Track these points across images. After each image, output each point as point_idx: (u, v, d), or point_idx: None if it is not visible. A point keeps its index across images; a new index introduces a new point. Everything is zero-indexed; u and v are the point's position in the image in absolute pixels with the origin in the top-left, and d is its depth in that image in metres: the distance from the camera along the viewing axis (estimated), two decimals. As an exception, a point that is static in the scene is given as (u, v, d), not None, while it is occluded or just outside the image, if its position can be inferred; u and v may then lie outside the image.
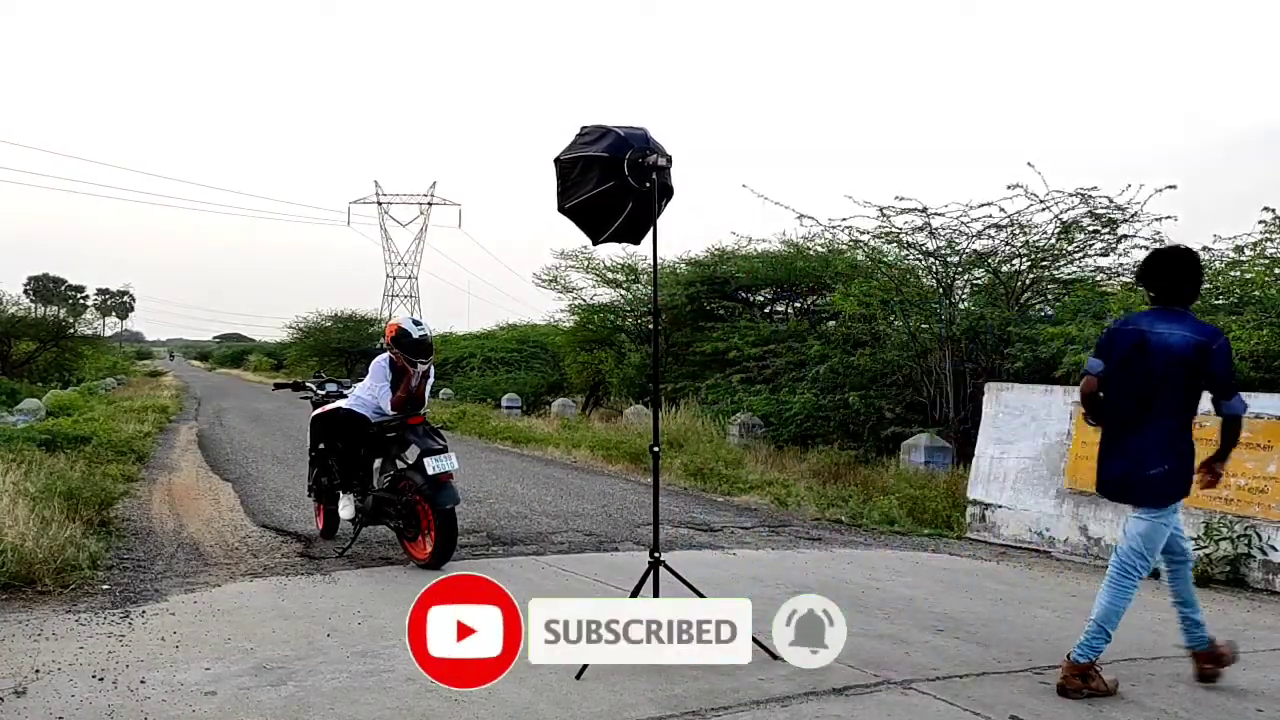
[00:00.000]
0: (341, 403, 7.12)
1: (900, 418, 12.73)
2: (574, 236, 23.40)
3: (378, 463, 7.04)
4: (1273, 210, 9.32)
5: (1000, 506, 8.43)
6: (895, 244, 13.07)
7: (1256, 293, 9.60)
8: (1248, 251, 9.77)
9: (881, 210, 12.37)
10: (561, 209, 4.94)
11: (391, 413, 6.74)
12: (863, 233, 13.26)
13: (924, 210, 12.17)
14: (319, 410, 7.39)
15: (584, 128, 4.88)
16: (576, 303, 24.09)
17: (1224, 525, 6.84)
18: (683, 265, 20.66)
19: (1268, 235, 9.48)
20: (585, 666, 4.16)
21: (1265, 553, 6.67)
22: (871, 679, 4.22)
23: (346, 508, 6.96)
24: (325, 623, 5.04)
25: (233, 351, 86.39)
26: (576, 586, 6.03)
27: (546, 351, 28.84)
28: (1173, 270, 4.35)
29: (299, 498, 9.14)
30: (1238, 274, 10.07)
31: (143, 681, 4.05)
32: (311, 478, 7.48)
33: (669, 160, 4.73)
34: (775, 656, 4.41)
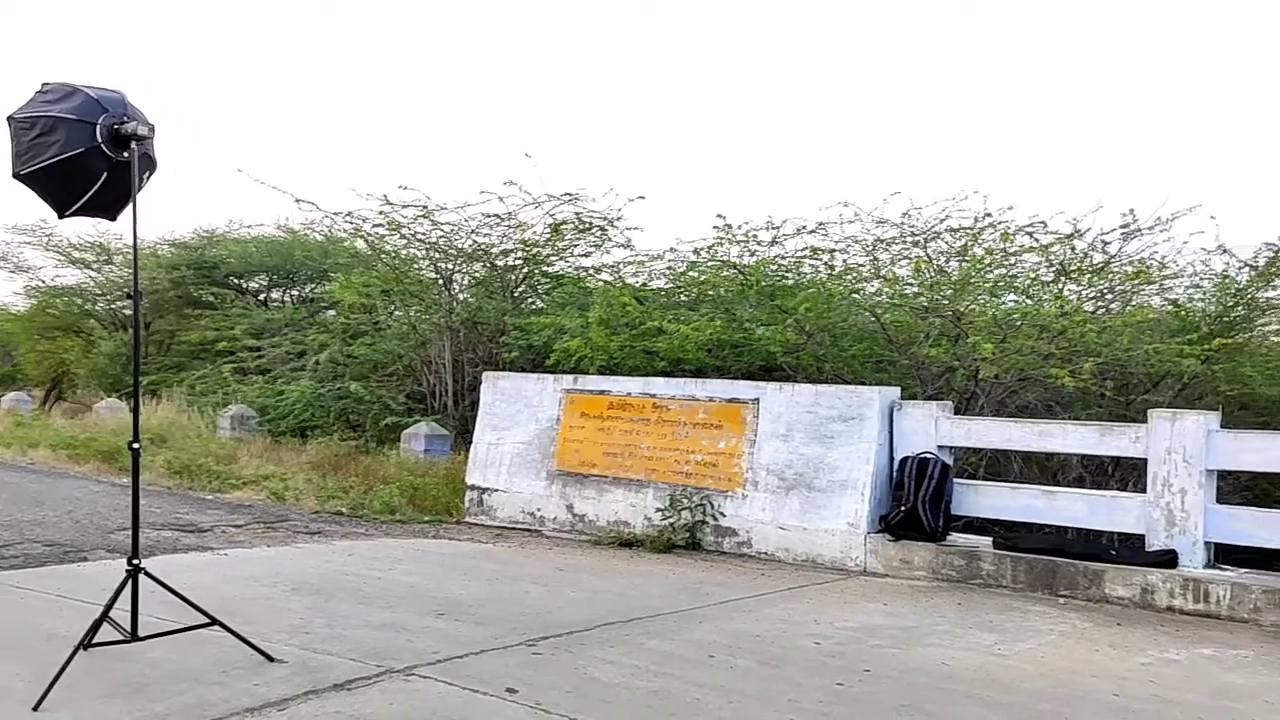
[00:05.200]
0: None
1: (403, 407, 12.85)
2: (30, 207, 20.45)
3: None
4: (723, 218, 10.74)
5: (497, 490, 8.85)
6: (397, 234, 13.14)
7: (710, 291, 11.04)
8: (703, 254, 11.18)
9: (387, 200, 12.39)
10: (17, 174, 4.28)
11: None
12: (363, 220, 13.16)
13: (426, 204, 12.40)
14: None
15: (46, 84, 4.29)
16: (34, 284, 21.20)
17: (685, 497, 7.80)
18: (165, 247, 19.03)
19: (718, 240, 10.91)
20: (45, 695, 3.67)
21: (716, 519, 7.72)
22: (374, 669, 4.22)
23: None
24: None
25: None
26: (36, 605, 5.28)
27: (-5, 339, 24.94)
28: None
29: None
30: (695, 274, 11.49)
31: None
32: None
33: (151, 129, 4.30)
34: (271, 659, 4.26)
